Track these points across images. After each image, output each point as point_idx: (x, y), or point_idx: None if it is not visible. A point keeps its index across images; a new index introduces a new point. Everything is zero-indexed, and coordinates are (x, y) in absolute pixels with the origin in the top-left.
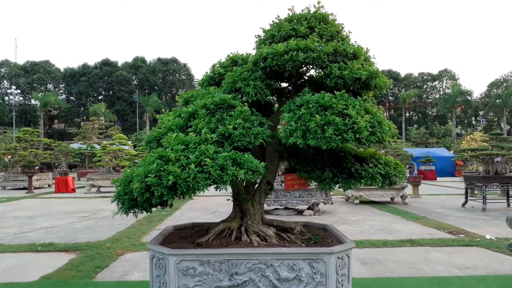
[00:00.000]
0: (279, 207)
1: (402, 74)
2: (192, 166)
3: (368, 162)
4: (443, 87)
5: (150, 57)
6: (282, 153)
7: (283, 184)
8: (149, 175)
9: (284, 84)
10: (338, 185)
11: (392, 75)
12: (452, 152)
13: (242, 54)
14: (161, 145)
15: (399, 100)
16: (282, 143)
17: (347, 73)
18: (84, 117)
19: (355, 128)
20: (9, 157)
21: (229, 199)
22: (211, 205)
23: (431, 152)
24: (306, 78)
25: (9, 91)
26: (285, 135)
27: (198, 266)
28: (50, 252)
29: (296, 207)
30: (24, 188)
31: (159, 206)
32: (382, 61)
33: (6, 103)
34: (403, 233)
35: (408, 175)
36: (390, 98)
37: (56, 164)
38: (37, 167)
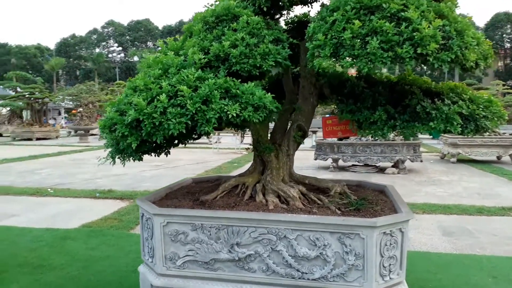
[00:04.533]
0: (357, 163)
1: None
2: (163, 96)
3: (444, 98)
4: None
5: None
6: (323, 88)
7: (363, 138)
8: (108, 108)
9: None
10: (394, 131)
11: (510, 17)
12: None
13: None
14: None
15: None
16: (323, 74)
17: None
18: None
19: (416, 38)
20: None
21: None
22: None
23: None
24: None
25: (111, 48)
26: (310, 56)
27: (190, 231)
28: (107, 199)
29: (377, 164)
30: None
31: (153, 154)
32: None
33: (111, 60)
34: (507, 199)
35: None
36: (507, 44)
37: None
38: None
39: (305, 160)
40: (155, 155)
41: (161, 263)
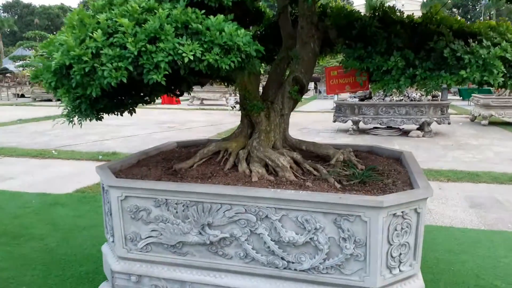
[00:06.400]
0: (379, 125)
1: None
2: (98, 33)
3: (482, 39)
4: None
5: None
6: (328, 31)
7: (386, 98)
8: (34, 52)
9: None
10: (413, 82)
11: None
12: None
13: None
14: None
15: None
16: (329, 15)
17: None
18: None
19: None
20: None
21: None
22: (304, 121)
23: None
24: None
25: None
26: None
27: (153, 207)
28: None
29: (401, 127)
30: None
31: (118, 113)
32: None
33: None
34: None
35: None
36: None
37: None
38: None
39: (325, 123)
40: (117, 114)
41: (121, 244)
